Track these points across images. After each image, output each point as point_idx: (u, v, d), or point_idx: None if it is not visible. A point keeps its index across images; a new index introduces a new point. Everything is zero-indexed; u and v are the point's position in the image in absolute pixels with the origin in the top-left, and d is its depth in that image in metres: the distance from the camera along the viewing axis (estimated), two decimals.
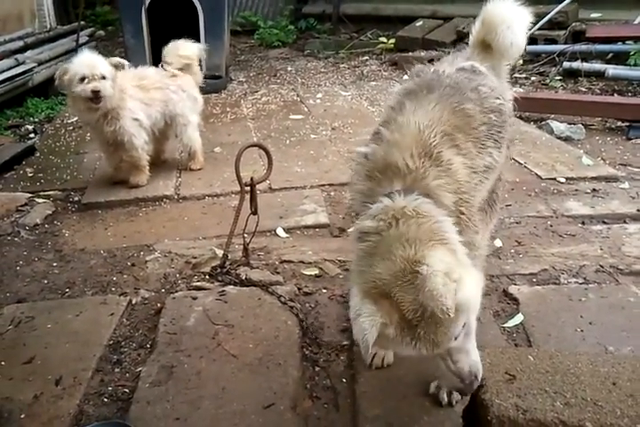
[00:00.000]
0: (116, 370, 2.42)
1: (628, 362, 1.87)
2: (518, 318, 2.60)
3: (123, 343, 2.57)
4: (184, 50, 4.42)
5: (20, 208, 3.94)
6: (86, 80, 3.75)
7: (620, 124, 5.31)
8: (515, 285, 2.85)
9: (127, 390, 2.30)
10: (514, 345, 2.45)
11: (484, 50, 2.58)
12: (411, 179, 1.84)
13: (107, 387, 2.33)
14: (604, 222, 3.51)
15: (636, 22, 6.86)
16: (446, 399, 2.12)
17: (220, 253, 3.18)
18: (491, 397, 1.71)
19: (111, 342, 2.57)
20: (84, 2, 8.45)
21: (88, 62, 3.82)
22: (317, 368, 2.38)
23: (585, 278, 2.91)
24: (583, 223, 3.50)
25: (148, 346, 2.54)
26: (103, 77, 3.78)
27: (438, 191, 1.86)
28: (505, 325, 2.59)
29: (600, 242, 3.26)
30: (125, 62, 3.99)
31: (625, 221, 3.52)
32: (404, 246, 1.68)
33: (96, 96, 3.76)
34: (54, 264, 3.29)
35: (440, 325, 1.62)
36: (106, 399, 2.27)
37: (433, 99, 1.98)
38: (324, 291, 2.93)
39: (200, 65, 4.60)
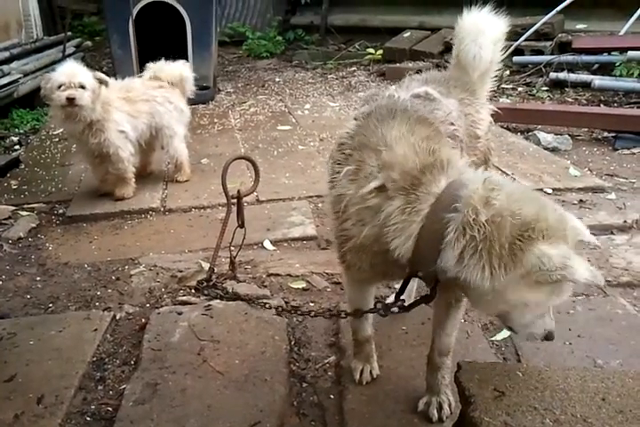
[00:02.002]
0: (100, 388, 2.37)
1: (618, 377, 1.85)
2: (506, 332, 2.58)
3: (106, 360, 2.53)
4: (170, 71, 4.43)
5: (3, 221, 3.90)
6: (63, 87, 3.74)
7: (606, 134, 5.35)
8: None
9: (110, 409, 2.25)
10: (502, 359, 2.43)
11: (460, 64, 2.57)
12: (449, 168, 1.78)
13: (89, 405, 2.28)
14: (592, 234, 3.48)
15: (621, 33, 6.93)
16: (436, 415, 2.10)
17: (206, 266, 3.14)
18: (480, 414, 1.69)
19: (94, 359, 2.52)
20: (71, 12, 8.42)
21: (68, 71, 3.82)
22: (305, 384, 2.35)
23: (573, 290, 2.89)
24: None
25: (133, 363, 2.50)
26: (82, 87, 3.76)
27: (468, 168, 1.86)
28: (493, 338, 2.58)
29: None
30: (108, 79, 3.97)
31: (612, 233, 3.53)
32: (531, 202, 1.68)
33: (70, 103, 3.74)
34: (37, 279, 3.24)
35: None
36: (88, 418, 2.22)
37: (397, 116, 1.93)
38: (312, 304, 2.91)
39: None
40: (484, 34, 2.46)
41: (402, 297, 2.72)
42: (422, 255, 1.72)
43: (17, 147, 5.68)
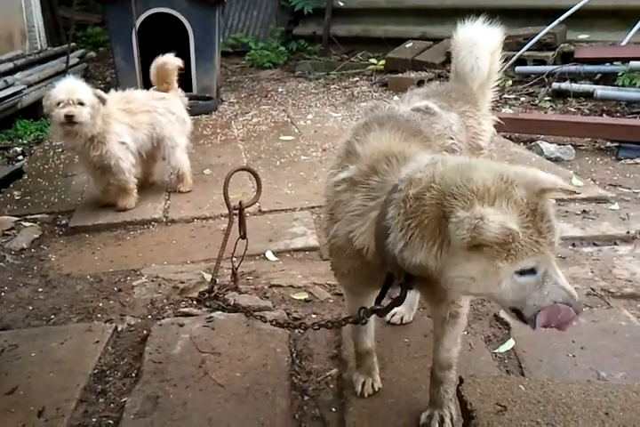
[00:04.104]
0: (101, 400, 2.36)
1: (621, 391, 1.84)
2: (509, 344, 2.58)
3: (107, 372, 2.52)
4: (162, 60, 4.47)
5: (6, 232, 3.90)
6: (62, 104, 3.76)
7: (609, 144, 5.33)
8: None
9: (111, 422, 2.24)
10: (505, 372, 2.42)
11: (459, 76, 2.59)
12: (412, 160, 1.77)
13: (90, 418, 2.27)
14: (595, 244, 3.50)
15: (623, 43, 6.92)
16: None
17: (208, 277, 3.13)
18: None
19: (96, 372, 2.51)
20: (75, 23, 8.47)
21: (67, 88, 3.84)
22: (306, 397, 2.33)
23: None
24: (574, 245, 3.49)
25: (134, 375, 2.49)
26: (81, 103, 3.78)
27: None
28: (496, 350, 2.56)
29: (591, 264, 3.25)
30: (106, 97, 3.98)
31: (615, 243, 3.51)
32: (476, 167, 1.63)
33: (69, 121, 3.76)
34: (40, 290, 3.24)
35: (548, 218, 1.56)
36: None
37: (392, 126, 1.95)
38: (314, 316, 2.90)
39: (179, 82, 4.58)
40: (479, 45, 2.49)
41: (402, 308, 2.75)
42: (382, 245, 1.70)
43: (20, 157, 5.69)
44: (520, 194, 1.54)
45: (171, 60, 4.43)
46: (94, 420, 2.26)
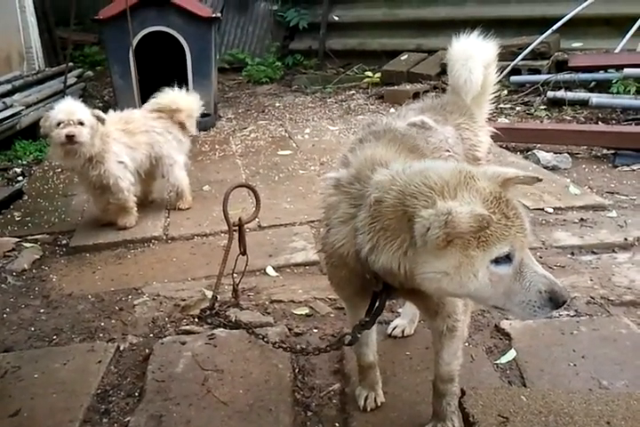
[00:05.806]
0: (104, 420, 2.36)
1: (622, 399, 1.84)
2: (511, 354, 2.58)
3: (111, 392, 2.52)
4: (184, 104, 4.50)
5: (7, 254, 3.91)
6: (62, 125, 3.79)
7: (605, 151, 5.36)
8: (506, 319, 2.82)
9: None
10: (507, 383, 2.42)
11: (454, 89, 2.62)
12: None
13: None
14: (594, 252, 3.51)
15: (616, 51, 6.97)
16: None
17: (209, 294, 3.15)
18: None
19: (99, 391, 2.51)
20: (72, 43, 8.51)
21: (66, 108, 3.87)
22: (309, 413, 2.33)
23: (576, 311, 2.89)
24: (572, 254, 3.50)
25: (137, 394, 2.49)
26: (81, 123, 3.82)
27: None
28: (498, 361, 2.56)
29: (590, 273, 3.26)
30: (105, 117, 4.01)
31: (614, 251, 3.53)
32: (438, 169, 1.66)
33: (70, 141, 3.79)
34: (41, 311, 3.25)
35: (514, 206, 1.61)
36: None
37: (389, 139, 1.97)
38: (315, 331, 2.90)
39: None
40: (473, 58, 2.51)
41: (403, 321, 2.76)
42: (356, 249, 1.73)
43: (20, 178, 5.71)
44: (481, 184, 1.59)
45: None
46: None
